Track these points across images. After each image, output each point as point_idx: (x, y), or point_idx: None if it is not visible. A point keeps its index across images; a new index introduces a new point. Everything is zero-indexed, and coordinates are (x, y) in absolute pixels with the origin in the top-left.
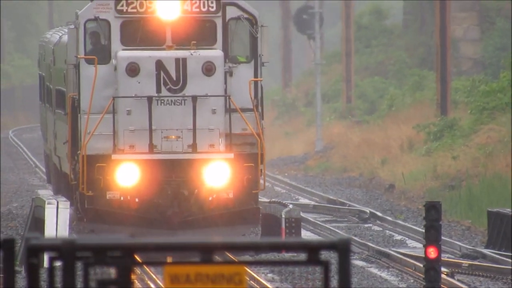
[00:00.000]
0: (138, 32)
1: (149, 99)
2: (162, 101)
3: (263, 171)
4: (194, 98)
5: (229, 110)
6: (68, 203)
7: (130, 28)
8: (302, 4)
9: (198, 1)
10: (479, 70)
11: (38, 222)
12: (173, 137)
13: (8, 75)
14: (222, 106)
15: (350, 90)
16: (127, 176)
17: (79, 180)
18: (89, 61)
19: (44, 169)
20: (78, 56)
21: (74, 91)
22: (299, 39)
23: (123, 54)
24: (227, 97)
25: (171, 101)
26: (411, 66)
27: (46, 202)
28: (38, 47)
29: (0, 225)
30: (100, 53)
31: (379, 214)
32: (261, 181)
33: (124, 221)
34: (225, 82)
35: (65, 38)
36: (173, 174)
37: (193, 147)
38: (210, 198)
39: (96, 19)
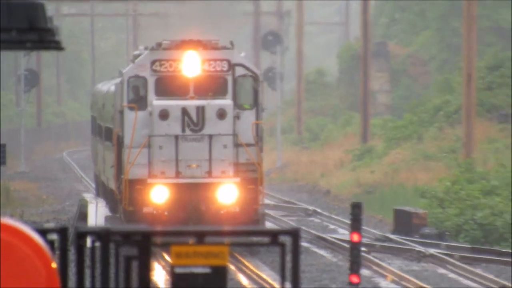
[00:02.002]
0: (168, 86)
1: (176, 137)
2: (186, 138)
3: (262, 191)
4: (210, 136)
5: (237, 145)
6: (104, 203)
7: (162, 83)
8: (268, 65)
9: (214, 62)
10: (389, 112)
11: (83, 216)
12: (194, 165)
13: (64, 114)
14: (231, 142)
15: (300, 125)
16: (159, 195)
17: (122, 197)
18: (131, 108)
19: (92, 184)
20: (123, 104)
21: (119, 129)
22: (266, 90)
23: (156, 103)
24: (235, 135)
25: (193, 138)
26: (343, 109)
27: (89, 202)
28: (91, 95)
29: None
30: (139, 102)
31: (319, 210)
32: (260, 200)
33: None
34: (234, 124)
35: (113, 88)
36: (193, 193)
37: (209, 173)
38: (221, 212)
39: (136, 76)
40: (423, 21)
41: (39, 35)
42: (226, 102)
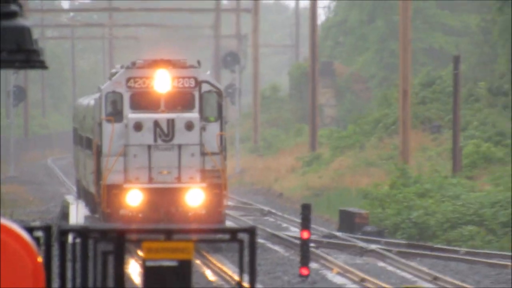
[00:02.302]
0: (141, 100)
1: (149, 146)
2: (158, 147)
3: (226, 195)
4: (179, 146)
5: (203, 153)
6: (84, 204)
7: (136, 98)
8: (228, 82)
9: (182, 80)
10: (335, 124)
11: (65, 215)
12: (165, 172)
13: (48, 126)
14: (198, 151)
15: (257, 135)
16: (134, 199)
17: (101, 200)
18: (109, 121)
19: (73, 187)
20: (101, 117)
21: (98, 139)
22: (227, 104)
23: (131, 116)
24: (202, 145)
25: (164, 148)
26: (294, 121)
27: (70, 203)
28: (73, 108)
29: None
30: (116, 115)
31: (273, 211)
32: (224, 203)
33: None
34: (200, 135)
35: (92, 103)
36: (165, 197)
37: (179, 179)
38: (190, 214)
39: (113, 91)
40: (364, 43)
41: (26, 56)
42: (194, 115)
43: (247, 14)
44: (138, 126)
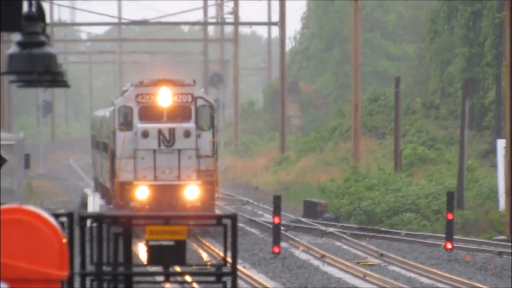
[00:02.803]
0: (148, 113)
1: (154, 150)
2: (161, 151)
3: (217, 190)
4: (179, 150)
5: (198, 156)
6: (99, 196)
7: (143, 111)
8: (214, 97)
9: (181, 96)
10: (300, 131)
11: (84, 205)
12: (167, 171)
13: (70, 133)
14: (194, 155)
15: (237, 141)
16: (142, 193)
17: (115, 194)
18: (121, 130)
19: (92, 182)
20: (115, 127)
21: (112, 144)
22: None
23: (140, 125)
24: (197, 150)
25: (166, 151)
26: (268, 129)
27: (88, 195)
28: (91, 119)
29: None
30: (127, 125)
31: (251, 201)
32: (215, 197)
33: None
34: (196, 141)
35: (107, 114)
36: (167, 192)
37: (178, 177)
38: (187, 206)
39: (124, 105)
40: (324, 66)
41: (52, 77)
42: (191, 125)
43: (229, 43)
44: (145, 134)
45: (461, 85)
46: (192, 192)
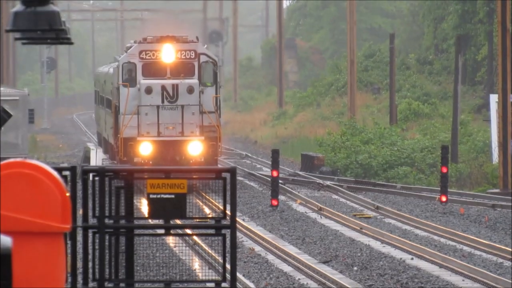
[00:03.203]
0: (151, 69)
1: (158, 106)
2: (165, 107)
3: (220, 146)
4: (182, 106)
5: (202, 112)
6: (101, 149)
7: (147, 67)
8: (213, 53)
9: (184, 52)
10: (297, 86)
11: (87, 159)
12: (170, 127)
13: (73, 88)
14: (197, 110)
15: (236, 96)
16: (145, 149)
17: (119, 150)
18: (125, 86)
19: (94, 137)
20: (119, 83)
21: (116, 101)
22: None
23: (143, 81)
24: (200, 105)
25: (170, 107)
26: (266, 84)
27: (91, 149)
28: (95, 75)
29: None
30: (131, 81)
31: (249, 155)
32: (219, 152)
33: None
34: (199, 97)
35: (111, 70)
36: (170, 148)
37: (182, 133)
38: (191, 161)
39: (128, 62)
40: (320, 23)
41: (56, 34)
42: (194, 81)
43: (228, 0)
44: (148, 90)
45: (454, 41)
46: (195, 148)
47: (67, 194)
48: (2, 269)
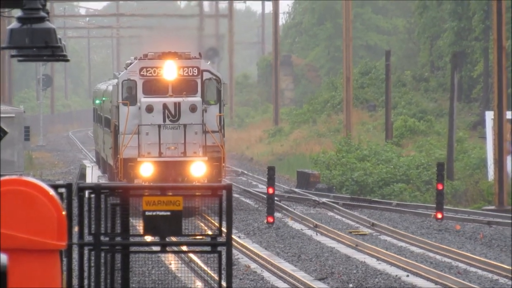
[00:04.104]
0: (152, 87)
1: (159, 126)
2: (166, 127)
3: (224, 167)
4: (185, 125)
5: (205, 132)
6: (97, 167)
7: (148, 85)
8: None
9: (187, 69)
10: (293, 103)
11: (83, 176)
12: (172, 147)
13: (69, 105)
14: (200, 130)
15: (232, 113)
16: (146, 170)
17: (118, 171)
18: (125, 104)
19: (90, 154)
20: (119, 101)
21: (115, 120)
22: None
23: (144, 100)
24: (204, 125)
25: (171, 127)
26: (262, 101)
27: (87, 166)
28: (93, 92)
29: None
30: (131, 99)
31: (245, 172)
32: (223, 173)
33: None
34: (202, 116)
35: (110, 88)
36: (172, 169)
37: (184, 153)
38: (194, 183)
39: (128, 79)
40: (316, 41)
41: (52, 51)
42: (197, 99)
43: (224, 18)
44: (149, 109)
45: (449, 59)
46: (198, 169)
47: (63, 211)
48: None
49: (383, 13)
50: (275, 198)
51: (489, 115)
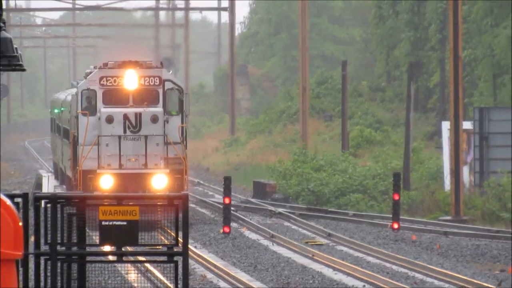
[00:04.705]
0: (112, 97)
1: (119, 137)
2: (127, 138)
3: (186, 179)
4: (146, 137)
5: (166, 143)
6: (53, 176)
7: (108, 94)
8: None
9: (148, 78)
10: (249, 113)
11: (39, 185)
12: (133, 159)
13: (25, 115)
14: (162, 141)
15: (188, 122)
16: (106, 182)
17: (77, 183)
18: (84, 114)
19: (46, 164)
20: (78, 111)
21: (74, 130)
22: None
23: (104, 110)
24: (165, 136)
25: (132, 138)
26: (218, 111)
27: (43, 176)
28: (51, 102)
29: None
30: (90, 109)
31: (202, 182)
32: (185, 186)
33: None
34: (164, 127)
35: (69, 98)
36: (133, 181)
37: (145, 165)
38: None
39: (88, 89)
40: (272, 51)
41: (8, 61)
42: (158, 109)
43: (180, 28)
44: (109, 119)
45: (406, 69)
46: (160, 181)
47: (19, 221)
48: None
49: (339, 23)
50: (232, 208)
51: (446, 125)
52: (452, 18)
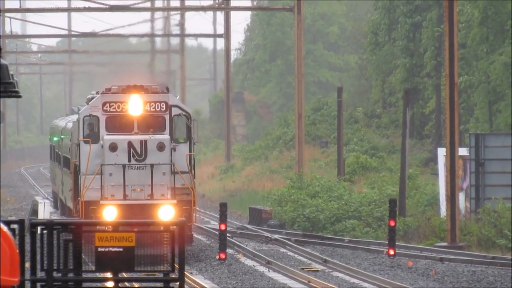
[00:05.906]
0: (116, 123)
1: (123, 166)
2: (131, 167)
3: (195, 210)
4: (152, 165)
5: (174, 172)
6: (49, 202)
7: (111, 121)
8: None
9: (154, 104)
10: (245, 140)
11: (35, 212)
12: (138, 189)
13: (21, 141)
14: (169, 170)
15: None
16: (109, 214)
17: (79, 215)
18: (86, 142)
19: (41, 190)
20: (79, 139)
21: (76, 159)
22: None
23: (107, 137)
24: (172, 164)
25: (137, 167)
26: (213, 138)
27: (39, 202)
28: (50, 128)
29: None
30: (93, 136)
31: (198, 208)
32: (194, 217)
33: None
34: (171, 155)
35: (69, 125)
36: (138, 213)
37: (151, 196)
38: (161, 228)
39: (90, 115)
40: (267, 77)
41: (4, 87)
42: (165, 137)
43: (176, 54)
44: (113, 147)
45: (401, 95)
46: (166, 213)
47: (16, 247)
48: None
49: (335, 49)
50: (227, 235)
51: (441, 152)
52: (448, 43)
